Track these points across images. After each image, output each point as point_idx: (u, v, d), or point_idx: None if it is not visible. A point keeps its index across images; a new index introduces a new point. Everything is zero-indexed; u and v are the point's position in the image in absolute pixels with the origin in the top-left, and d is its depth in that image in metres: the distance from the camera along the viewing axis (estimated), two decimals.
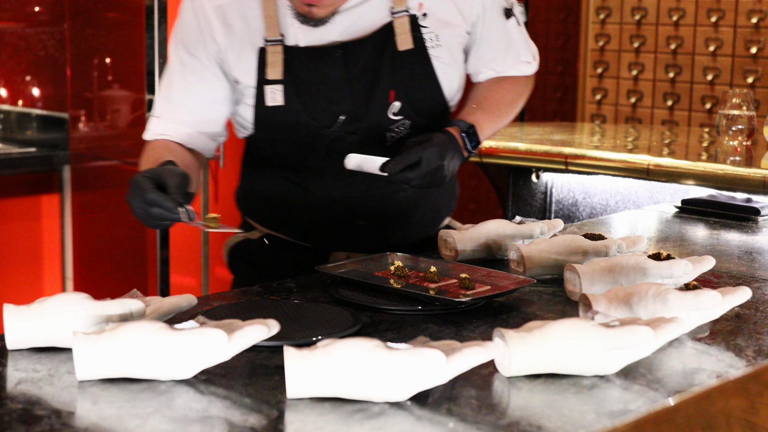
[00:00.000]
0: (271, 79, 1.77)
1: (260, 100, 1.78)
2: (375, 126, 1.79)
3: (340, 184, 1.82)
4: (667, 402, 1.13)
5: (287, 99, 1.77)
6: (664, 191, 2.88)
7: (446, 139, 1.72)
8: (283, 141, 1.82)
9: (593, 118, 4.25)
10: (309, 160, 1.82)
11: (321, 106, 1.77)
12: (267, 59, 1.76)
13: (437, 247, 1.79)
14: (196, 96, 1.81)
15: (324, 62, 1.77)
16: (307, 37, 1.77)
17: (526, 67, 2.00)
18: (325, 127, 1.78)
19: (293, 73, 1.77)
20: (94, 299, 1.27)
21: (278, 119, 1.78)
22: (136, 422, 1.04)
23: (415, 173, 1.64)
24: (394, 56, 1.78)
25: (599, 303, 1.35)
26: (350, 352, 1.09)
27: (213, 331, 1.14)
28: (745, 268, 1.77)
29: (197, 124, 1.81)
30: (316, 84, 1.77)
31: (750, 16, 3.80)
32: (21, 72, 3.79)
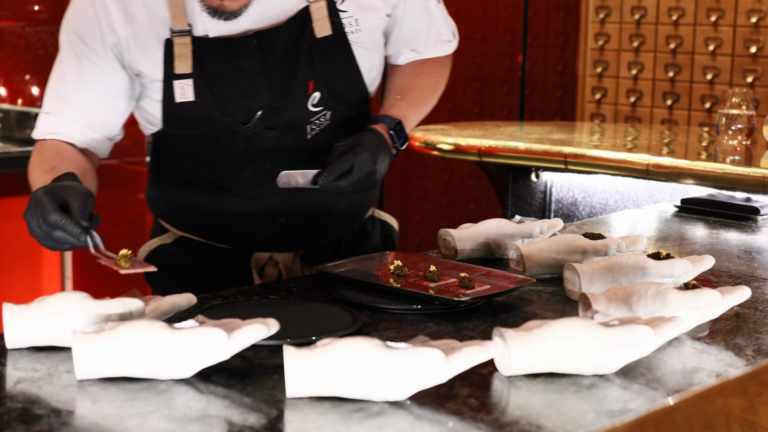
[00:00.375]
0: (179, 73, 1.65)
1: (168, 96, 1.66)
2: (294, 119, 1.69)
3: (259, 182, 1.72)
4: (667, 401, 1.13)
5: (198, 94, 1.66)
6: (664, 190, 2.88)
7: (375, 140, 1.66)
8: (195, 138, 1.70)
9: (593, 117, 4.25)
10: (225, 158, 1.71)
11: (236, 101, 1.67)
12: (174, 52, 1.64)
13: (436, 246, 1.79)
14: (91, 92, 1.67)
15: (237, 53, 1.66)
16: (217, 27, 1.66)
17: (447, 47, 1.94)
18: (242, 124, 1.67)
19: (204, 66, 1.65)
20: (94, 298, 1.27)
21: (189, 116, 1.67)
22: (136, 421, 1.04)
23: (347, 181, 1.59)
24: (311, 44, 1.68)
25: (599, 302, 1.35)
26: (350, 352, 1.09)
27: (212, 331, 1.14)
28: (745, 267, 1.77)
29: (92, 124, 1.69)
30: (230, 77, 1.66)
31: (749, 15, 3.80)
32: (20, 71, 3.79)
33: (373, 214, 1.93)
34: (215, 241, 1.80)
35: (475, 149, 3.01)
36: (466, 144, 3.04)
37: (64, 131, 1.68)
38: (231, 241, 1.79)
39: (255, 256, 1.78)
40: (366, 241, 1.89)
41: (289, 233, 1.77)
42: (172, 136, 1.72)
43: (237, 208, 1.74)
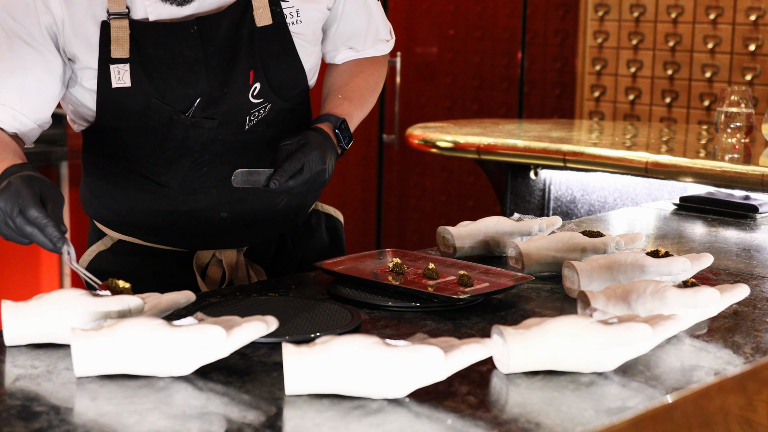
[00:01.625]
0: (116, 58, 1.57)
1: (104, 81, 1.58)
2: (234, 110, 1.64)
3: (197, 175, 1.66)
4: (665, 399, 1.13)
5: (135, 80, 1.58)
6: (663, 188, 2.88)
7: (323, 139, 1.62)
8: (131, 129, 1.63)
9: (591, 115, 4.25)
10: (162, 150, 1.64)
11: (174, 89, 1.60)
12: (111, 35, 1.57)
13: (435, 243, 1.79)
14: (23, 75, 1.58)
15: (177, 39, 1.59)
16: (158, 10, 1.59)
17: (384, 46, 1.90)
18: (180, 112, 1.61)
19: (142, 51, 1.58)
20: (92, 295, 1.27)
21: (125, 103, 1.60)
22: (135, 418, 1.04)
23: (298, 181, 1.55)
24: (252, 33, 1.63)
25: (597, 300, 1.35)
26: (349, 349, 1.09)
27: (211, 328, 1.14)
28: (743, 265, 1.77)
29: (23, 108, 1.59)
30: (168, 64, 1.59)
31: (748, 13, 3.80)
32: None
33: (316, 207, 1.90)
34: (154, 242, 1.73)
35: (474, 147, 3.01)
36: (465, 142, 3.04)
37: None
38: (171, 240, 1.72)
39: (197, 256, 1.73)
40: (311, 236, 1.86)
41: (231, 228, 1.72)
42: (105, 130, 1.65)
43: (176, 203, 1.68)
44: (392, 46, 1.91)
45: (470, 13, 4.66)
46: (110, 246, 1.75)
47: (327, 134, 1.65)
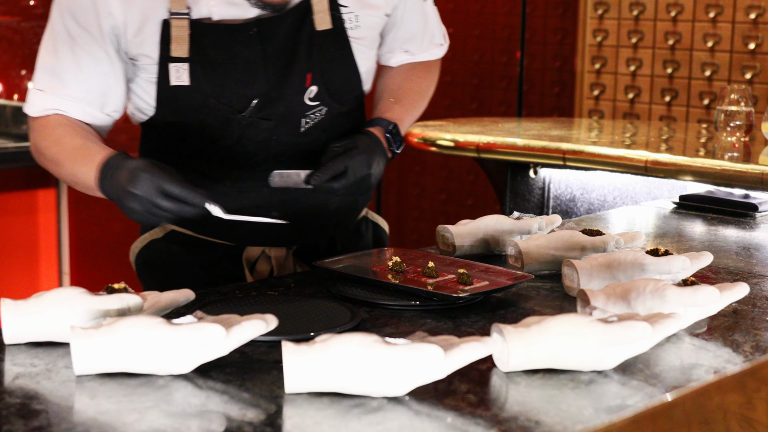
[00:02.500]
0: (175, 57, 1.60)
1: (163, 79, 1.62)
2: (290, 112, 1.67)
3: (251, 174, 1.69)
4: (665, 397, 1.13)
5: (193, 79, 1.61)
6: (662, 187, 2.88)
7: (371, 143, 1.65)
8: (188, 126, 1.66)
9: (591, 113, 4.25)
10: (217, 148, 1.68)
11: (232, 89, 1.63)
12: (171, 34, 1.59)
13: (435, 242, 1.79)
14: (86, 75, 1.62)
15: (236, 40, 1.62)
16: (221, 11, 1.61)
17: (438, 50, 1.93)
18: (237, 112, 1.64)
19: (201, 50, 1.61)
20: (92, 294, 1.27)
21: (183, 101, 1.63)
22: (134, 417, 1.04)
23: (341, 183, 1.59)
24: (311, 36, 1.66)
25: (597, 298, 1.35)
26: (348, 347, 1.09)
27: (211, 326, 1.14)
28: (743, 264, 1.77)
29: (91, 102, 1.63)
30: (227, 64, 1.62)
31: (748, 12, 3.80)
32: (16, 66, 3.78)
33: (366, 215, 1.92)
34: (206, 235, 1.75)
35: (473, 145, 3.01)
36: (464, 140, 3.04)
37: (65, 107, 1.63)
38: (222, 235, 1.74)
39: (247, 251, 1.75)
40: (359, 241, 1.87)
41: (281, 228, 1.69)
42: (163, 125, 1.68)
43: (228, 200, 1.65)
44: (446, 50, 1.94)
45: (469, 11, 4.66)
46: (163, 235, 1.78)
47: (377, 138, 1.68)
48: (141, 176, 1.43)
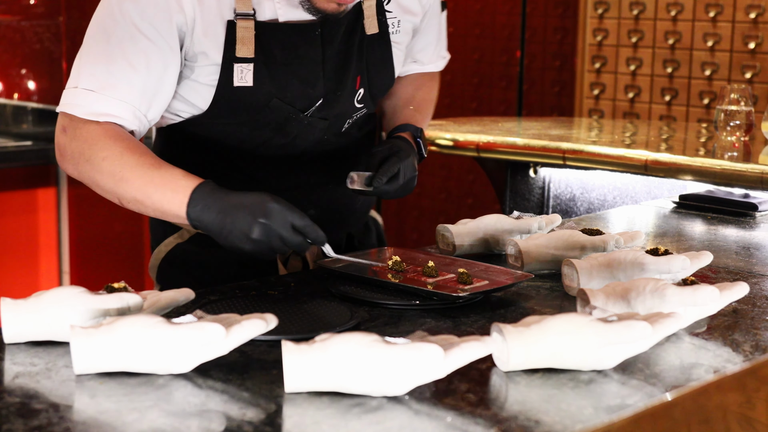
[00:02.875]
0: (241, 57, 1.59)
1: (226, 79, 1.60)
2: (342, 113, 1.72)
3: (296, 172, 1.72)
4: (665, 397, 1.13)
5: (257, 80, 1.61)
6: (662, 186, 2.88)
7: (409, 147, 1.71)
8: (243, 124, 1.66)
9: (591, 113, 4.25)
10: (268, 146, 1.68)
11: (296, 89, 1.64)
12: (237, 34, 1.58)
13: (434, 241, 1.79)
14: (146, 73, 1.54)
15: (303, 40, 1.63)
16: (287, 12, 1.62)
17: (442, 62, 1.99)
18: (300, 111, 1.66)
19: (267, 51, 1.61)
20: (92, 293, 1.27)
21: (243, 101, 1.62)
22: (134, 416, 1.04)
23: (393, 186, 1.64)
24: (362, 40, 1.70)
25: (597, 298, 1.35)
26: (348, 347, 1.09)
27: (211, 326, 1.14)
28: (743, 263, 1.77)
29: (142, 106, 1.56)
30: (291, 64, 1.63)
31: (748, 11, 3.80)
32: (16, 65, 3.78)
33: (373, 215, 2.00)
34: None
35: (473, 145, 3.01)
36: (464, 139, 3.04)
37: (119, 112, 1.54)
38: None
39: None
40: (369, 235, 1.94)
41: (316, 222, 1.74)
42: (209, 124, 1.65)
43: None
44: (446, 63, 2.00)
45: (469, 10, 4.66)
46: (188, 238, 1.75)
47: (411, 143, 1.74)
48: (274, 208, 1.41)
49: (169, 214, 1.50)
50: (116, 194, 1.54)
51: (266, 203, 1.42)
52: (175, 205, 1.48)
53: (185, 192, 1.47)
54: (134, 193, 1.52)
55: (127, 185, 1.52)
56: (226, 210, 1.44)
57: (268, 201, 1.42)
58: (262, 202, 1.42)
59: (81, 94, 1.54)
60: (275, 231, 1.41)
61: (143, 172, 1.51)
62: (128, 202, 1.54)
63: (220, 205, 1.45)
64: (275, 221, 1.41)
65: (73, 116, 1.55)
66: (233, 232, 1.43)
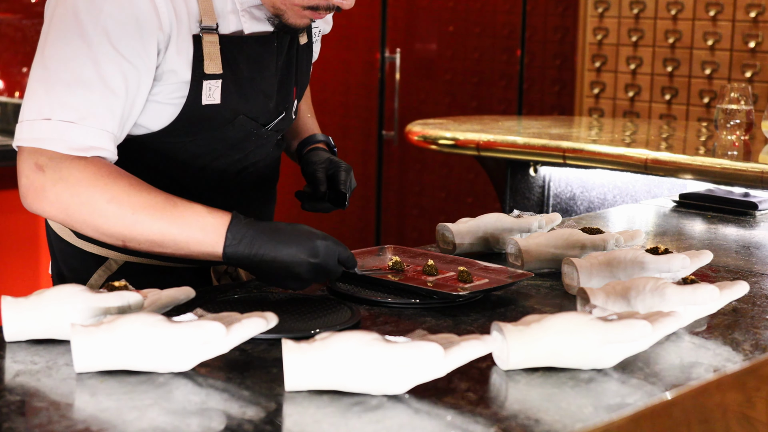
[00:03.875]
0: (210, 74, 1.50)
1: (194, 98, 1.50)
2: (287, 125, 1.70)
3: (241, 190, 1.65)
4: (665, 396, 1.13)
5: (224, 97, 1.52)
6: (662, 185, 2.88)
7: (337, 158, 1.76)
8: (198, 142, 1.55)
9: (591, 111, 4.25)
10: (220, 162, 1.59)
11: (259, 104, 1.58)
12: (203, 50, 1.48)
13: (434, 240, 1.79)
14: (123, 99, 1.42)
15: (264, 52, 1.57)
16: (252, 26, 1.55)
17: None
18: (262, 126, 1.60)
19: (233, 66, 1.53)
20: (92, 291, 1.27)
21: (209, 119, 1.52)
22: (135, 414, 1.04)
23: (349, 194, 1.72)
24: (297, 50, 1.66)
25: (597, 297, 1.35)
26: (348, 345, 1.09)
27: (211, 324, 1.14)
28: (743, 262, 1.77)
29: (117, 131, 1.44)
30: (255, 78, 1.56)
31: (748, 10, 3.79)
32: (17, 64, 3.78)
33: None
34: (171, 261, 1.60)
35: (473, 144, 3.01)
36: (464, 138, 3.04)
37: (102, 144, 1.41)
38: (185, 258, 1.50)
39: (214, 269, 1.67)
40: None
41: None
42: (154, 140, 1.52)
43: None
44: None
45: (470, 9, 4.66)
46: (116, 270, 1.62)
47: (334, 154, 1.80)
48: (327, 245, 1.36)
49: (199, 254, 1.39)
50: (125, 237, 1.39)
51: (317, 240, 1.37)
52: (208, 246, 1.37)
53: (217, 231, 1.37)
54: (151, 236, 1.38)
55: (143, 228, 1.38)
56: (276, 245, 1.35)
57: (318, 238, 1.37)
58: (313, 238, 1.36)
59: (59, 127, 1.38)
60: (326, 268, 1.37)
61: (160, 213, 1.37)
62: (139, 244, 1.40)
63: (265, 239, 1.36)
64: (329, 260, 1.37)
65: (51, 153, 1.38)
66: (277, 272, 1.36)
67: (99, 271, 1.63)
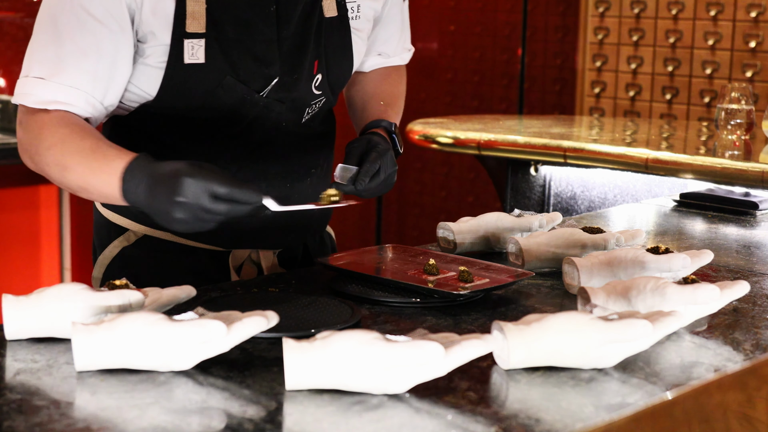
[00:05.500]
0: (191, 33, 1.49)
1: (176, 57, 1.49)
2: (300, 98, 1.61)
3: (253, 166, 1.60)
4: (665, 395, 1.13)
5: (209, 56, 1.51)
6: (663, 185, 2.88)
7: (385, 143, 1.61)
8: (194, 110, 1.55)
9: (592, 111, 4.25)
10: (222, 137, 1.58)
11: (250, 67, 1.54)
12: (187, 9, 1.48)
13: (435, 239, 1.79)
14: (97, 57, 1.45)
15: (257, 16, 1.53)
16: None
17: (407, 55, 1.89)
18: (255, 92, 1.55)
19: (218, 27, 1.51)
20: (93, 290, 1.27)
21: (196, 80, 1.51)
22: (135, 413, 1.04)
23: (374, 182, 1.54)
24: (321, 22, 1.61)
25: (598, 296, 1.35)
26: (349, 345, 1.09)
27: (212, 323, 1.14)
28: (743, 262, 1.77)
29: (95, 92, 1.47)
30: (245, 41, 1.53)
31: (749, 10, 3.79)
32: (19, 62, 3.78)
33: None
34: (189, 239, 1.63)
35: (474, 143, 3.01)
36: (465, 137, 3.04)
37: (69, 99, 1.45)
38: (207, 238, 1.61)
39: (233, 255, 1.66)
40: (324, 249, 1.82)
41: (273, 227, 1.65)
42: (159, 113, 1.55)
43: None
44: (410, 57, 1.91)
45: (471, 8, 4.66)
46: (134, 242, 1.65)
47: (386, 138, 1.65)
48: (186, 182, 1.29)
49: (111, 198, 1.40)
50: (64, 185, 1.47)
51: (178, 177, 1.29)
52: (114, 190, 1.38)
53: (117, 174, 1.37)
54: (78, 182, 1.43)
55: (71, 174, 1.43)
56: (150, 188, 1.33)
57: (179, 174, 1.29)
58: (174, 175, 1.29)
59: (30, 83, 1.47)
60: (195, 205, 1.29)
61: (82, 159, 1.41)
62: (77, 192, 1.46)
63: (152, 185, 1.33)
64: (190, 195, 1.28)
65: (25, 108, 1.48)
66: (160, 215, 1.33)
67: (115, 242, 1.67)
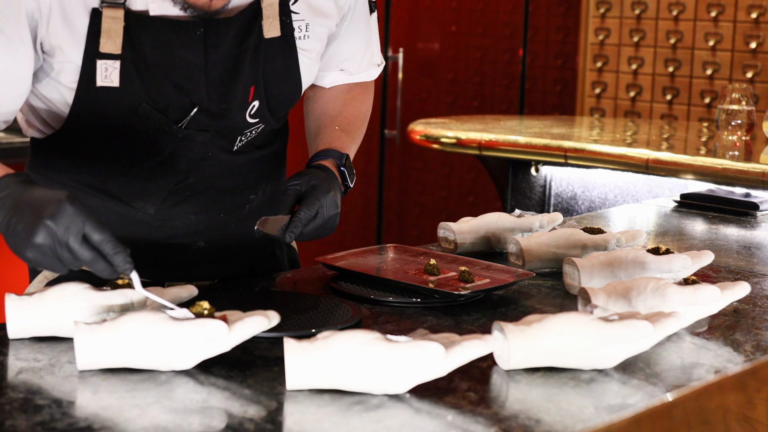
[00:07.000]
0: (105, 53, 1.38)
1: (87, 78, 1.39)
2: (230, 128, 1.49)
3: (179, 199, 1.50)
4: (665, 397, 1.13)
5: (124, 80, 1.39)
6: (663, 185, 2.88)
7: (330, 179, 1.48)
8: (108, 138, 1.44)
9: (592, 111, 4.25)
10: (142, 167, 1.47)
11: (169, 95, 1.43)
12: (102, 26, 1.37)
13: (436, 239, 1.79)
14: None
15: (180, 40, 1.41)
16: (160, 7, 1.40)
17: (376, 71, 1.74)
18: (173, 123, 1.44)
19: (136, 48, 1.39)
20: (95, 289, 1.27)
21: (109, 106, 1.40)
22: (136, 412, 1.04)
23: (311, 227, 1.43)
24: (258, 44, 1.47)
25: (598, 297, 1.35)
26: (349, 345, 1.09)
27: (213, 322, 1.14)
28: (744, 263, 1.78)
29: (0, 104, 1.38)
30: (165, 66, 1.41)
31: (750, 11, 3.79)
32: None
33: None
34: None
35: (475, 143, 3.01)
36: (466, 138, 3.04)
37: None
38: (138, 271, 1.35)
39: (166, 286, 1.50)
40: (276, 265, 1.71)
41: (207, 259, 1.57)
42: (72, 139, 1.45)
43: (148, 230, 1.51)
44: (381, 71, 1.76)
45: (472, 9, 4.66)
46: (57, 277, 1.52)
47: (333, 173, 1.52)
48: (65, 208, 1.15)
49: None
50: None
51: (59, 202, 1.15)
52: None
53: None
54: None
55: None
56: (16, 207, 1.19)
57: (62, 200, 1.16)
58: (55, 200, 1.16)
59: None
60: (61, 238, 1.15)
61: None
62: None
63: (11, 202, 1.20)
64: (62, 224, 1.15)
65: None
66: (16, 234, 1.18)
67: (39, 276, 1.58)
